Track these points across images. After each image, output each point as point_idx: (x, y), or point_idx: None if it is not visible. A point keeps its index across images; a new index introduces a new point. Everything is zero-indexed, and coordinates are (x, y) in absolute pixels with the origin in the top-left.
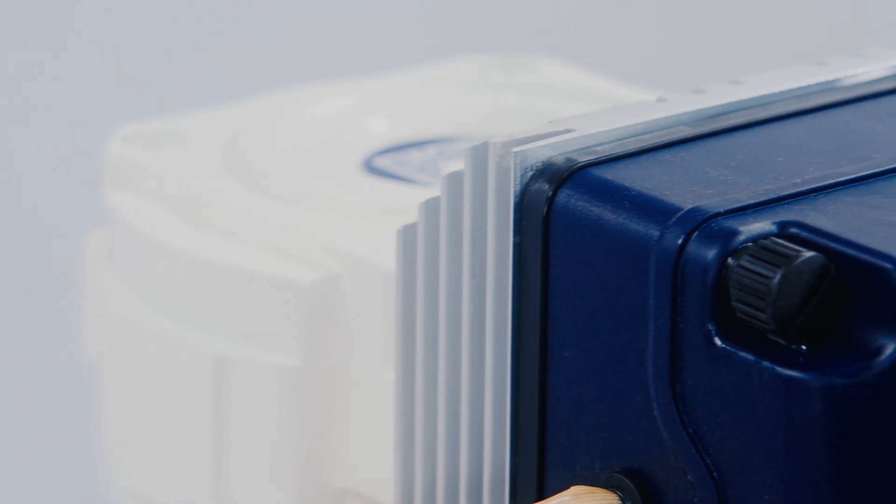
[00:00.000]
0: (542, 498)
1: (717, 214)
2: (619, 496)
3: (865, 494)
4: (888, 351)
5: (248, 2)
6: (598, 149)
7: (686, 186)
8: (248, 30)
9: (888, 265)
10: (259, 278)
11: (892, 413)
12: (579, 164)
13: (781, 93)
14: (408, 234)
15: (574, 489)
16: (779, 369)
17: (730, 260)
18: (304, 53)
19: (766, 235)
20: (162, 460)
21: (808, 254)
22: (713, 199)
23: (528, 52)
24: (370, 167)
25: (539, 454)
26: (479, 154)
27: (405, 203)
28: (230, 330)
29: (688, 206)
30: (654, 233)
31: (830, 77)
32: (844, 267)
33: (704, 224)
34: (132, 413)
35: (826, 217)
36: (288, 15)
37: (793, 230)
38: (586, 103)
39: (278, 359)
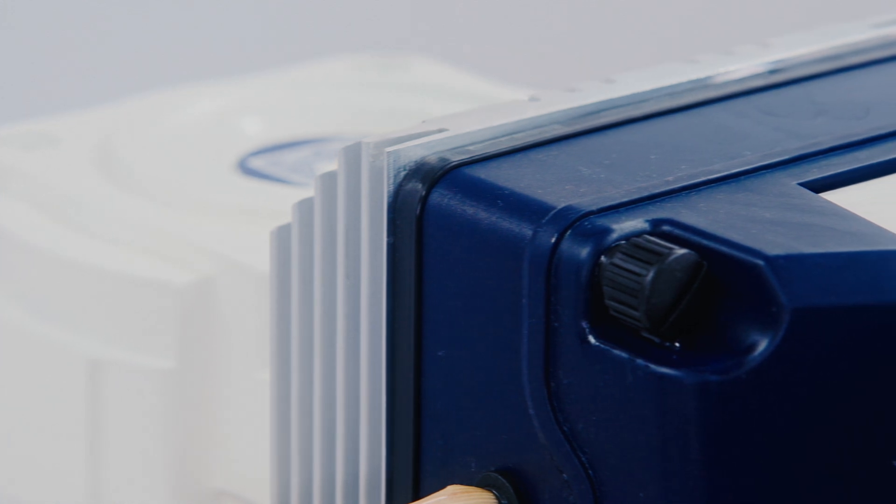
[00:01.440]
0: (418, 498)
1: (590, 213)
2: (496, 495)
3: (739, 491)
4: (760, 347)
5: (121, 4)
6: (471, 148)
7: (559, 185)
8: (122, 32)
9: (759, 262)
10: (133, 280)
11: (765, 409)
12: (452, 164)
13: (654, 91)
14: (282, 235)
15: (450, 489)
16: (652, 367)
17: (603, 258)
18: (178, 55)
19: (638, 233)
20: (37, 463)
21: (680, 251)
22: (586, 198)
23: (401, 51)
24: (245, 168)
25: (415, 454)
26: (352, 154)
27: (279, 204)
28: (104, 333)
29: (561, 204)
30: (528, 232)
31: (702, 75)
32: (717, 264)
33: (577, 222)
34: (7, 416)
35: (698, 214)
36: (161, 17)
37: (665, 228)
38: (459, 102)
39: (153, 361)
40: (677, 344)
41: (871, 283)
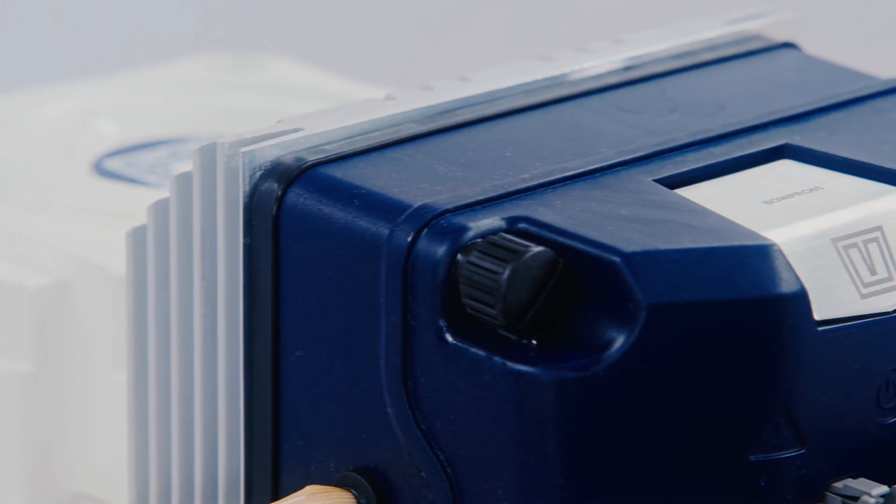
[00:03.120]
0: (277, 498)
1: (447, 211)
2: (354, 495)
3: (597, 486)
4: (617, 344)
5: None
6: (327, 147)
7: (415, 184)
8: None
9: (615, 259)
10: None
11: (623, 405)
12: (308, 163)
13: (509, 88)
14: (137, 236)
15: (309, 489)
16: (509, 364)
17: (459, 256)
18: (32, 55)
19: (495, 231)
20: None
21: (536, 249)
22: (442, 196)
23: (257, 51)
24: (100, 169)
25: (274, 454)
26: (208, 155)
27: (135, 205)
28: None
29: (417, 203)
30: (384, 231)
31: (557, 72)
32: (573, 261)
33: (433, 221)
34: None
35: (554, 212)
36: (14, 16)
37: (521, 225)
38: (316, 101)
39: (9, 364)
40: (534, 341)
41: (726, 279)
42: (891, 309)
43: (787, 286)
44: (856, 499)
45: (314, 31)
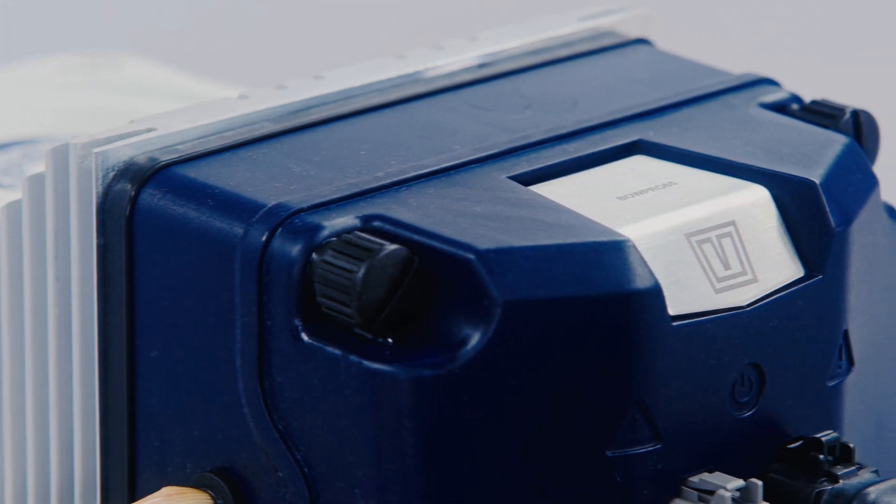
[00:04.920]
0: (133, 499)
1: (301, 210)
2: (211, 495)
3: (455, 484)
4: (473, 341)
5: None
6: (181, 147)
7: (270, 183)
8: None
9: (470, 256)
10: None
11: (479, 402)
12: (161, 163)
13: (363, 87)
14: None
15: (165, 490)
16: (365, 363)
17: (314, 255)
18: None
19: (349, 230)
20: None
21: (391, 247)
22: (297, 195)
23: (112, 50)
24: None
25: (130, 456)
26: (60, 155)
27: None
28: None
29: (271, 202)
30: (238, 230)
31: (411, 70)
32: (428, 259)
33: (288, 220)
34: None
35: (408, 210)
36: None
37: (376, 224)
38: (171, 101)
39: None
40: (390, 340)
41: (581, 275)
42: (745, 303)
43: (641, 282)
44: (712, 492)
45: (170, 30)
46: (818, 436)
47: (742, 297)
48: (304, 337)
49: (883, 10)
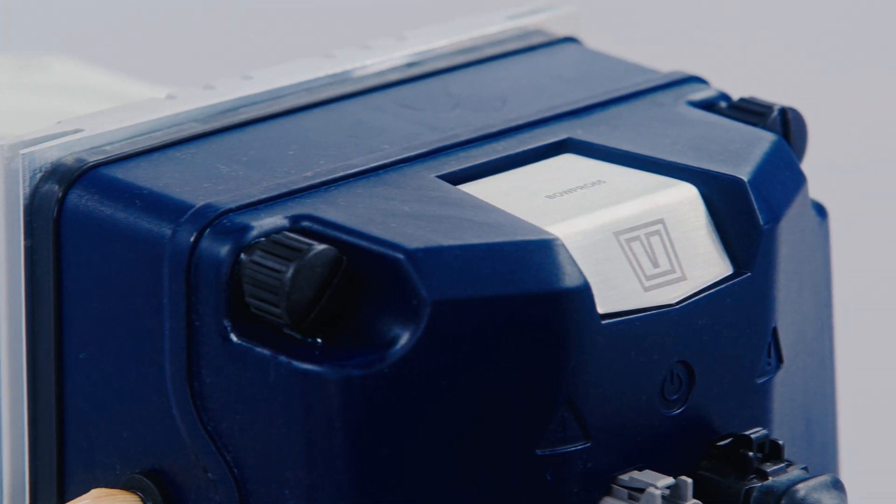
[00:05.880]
0: (63, 501)
1: (229, 210)
2: (141, 497)
3: (384, 484)
4: (403, 341)
5: None
6: (108, 148)
7: (198, 183)
8: None
9: (399, 255)
10: None
11: (409, 402)
12: (89, 164)
13: (292, 86)
14: None
15: (94, 492)
16: (294, 363)
17: (242, 256)
18: None
19: (278, 230)
20: None
21: (319, 247)
22: (225, 196)
23: (40, 50)
24: None
25: (59, 457)
26: None
27: None
28: None
29: (199, 202)
30: (166, 231)
31: (339, 69)
32: (357, 259)
33: (216, 220)
34: None
35: (337, 209)
36: None
37: (304, 223)
38: (100, 102)
39: None
40: (319, 340)
41: (510, 274)
42: (673, 301)
43: (570, 280)
44: (642, 490)
45: (97, 30)
46: (748, 433)
47: (671, 295)
48: (233, 337)
49: (809, 7)
